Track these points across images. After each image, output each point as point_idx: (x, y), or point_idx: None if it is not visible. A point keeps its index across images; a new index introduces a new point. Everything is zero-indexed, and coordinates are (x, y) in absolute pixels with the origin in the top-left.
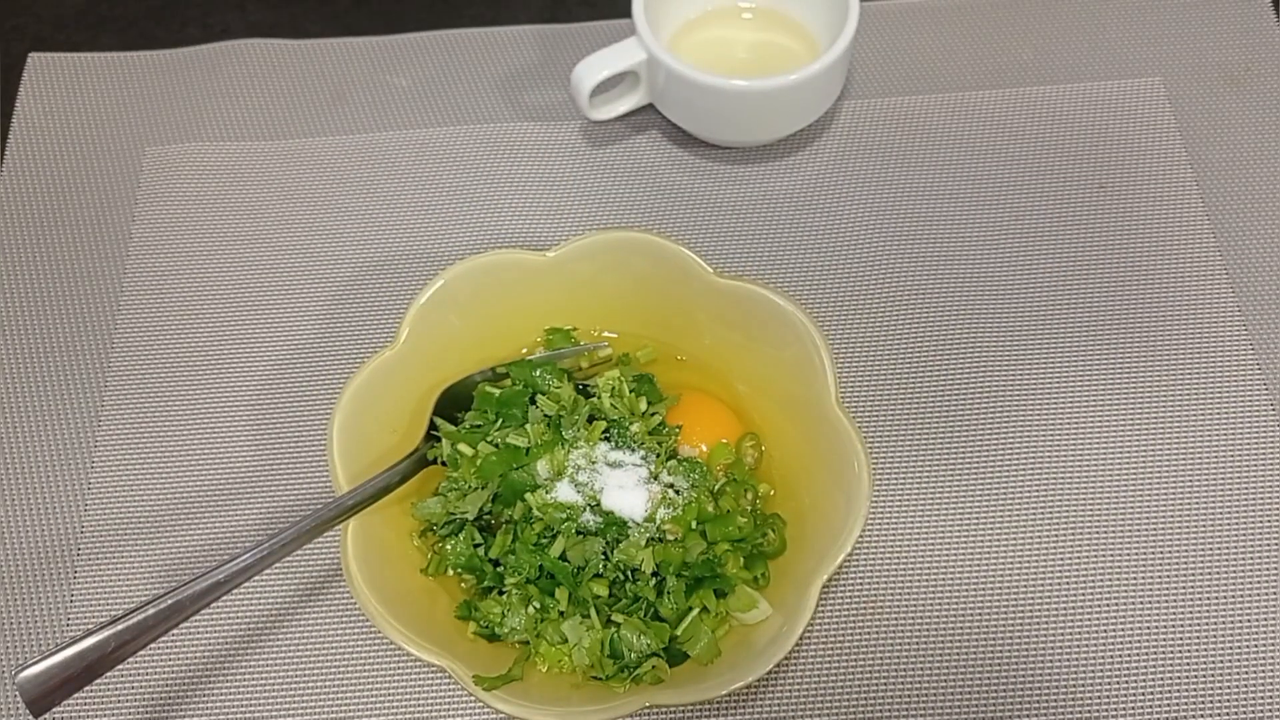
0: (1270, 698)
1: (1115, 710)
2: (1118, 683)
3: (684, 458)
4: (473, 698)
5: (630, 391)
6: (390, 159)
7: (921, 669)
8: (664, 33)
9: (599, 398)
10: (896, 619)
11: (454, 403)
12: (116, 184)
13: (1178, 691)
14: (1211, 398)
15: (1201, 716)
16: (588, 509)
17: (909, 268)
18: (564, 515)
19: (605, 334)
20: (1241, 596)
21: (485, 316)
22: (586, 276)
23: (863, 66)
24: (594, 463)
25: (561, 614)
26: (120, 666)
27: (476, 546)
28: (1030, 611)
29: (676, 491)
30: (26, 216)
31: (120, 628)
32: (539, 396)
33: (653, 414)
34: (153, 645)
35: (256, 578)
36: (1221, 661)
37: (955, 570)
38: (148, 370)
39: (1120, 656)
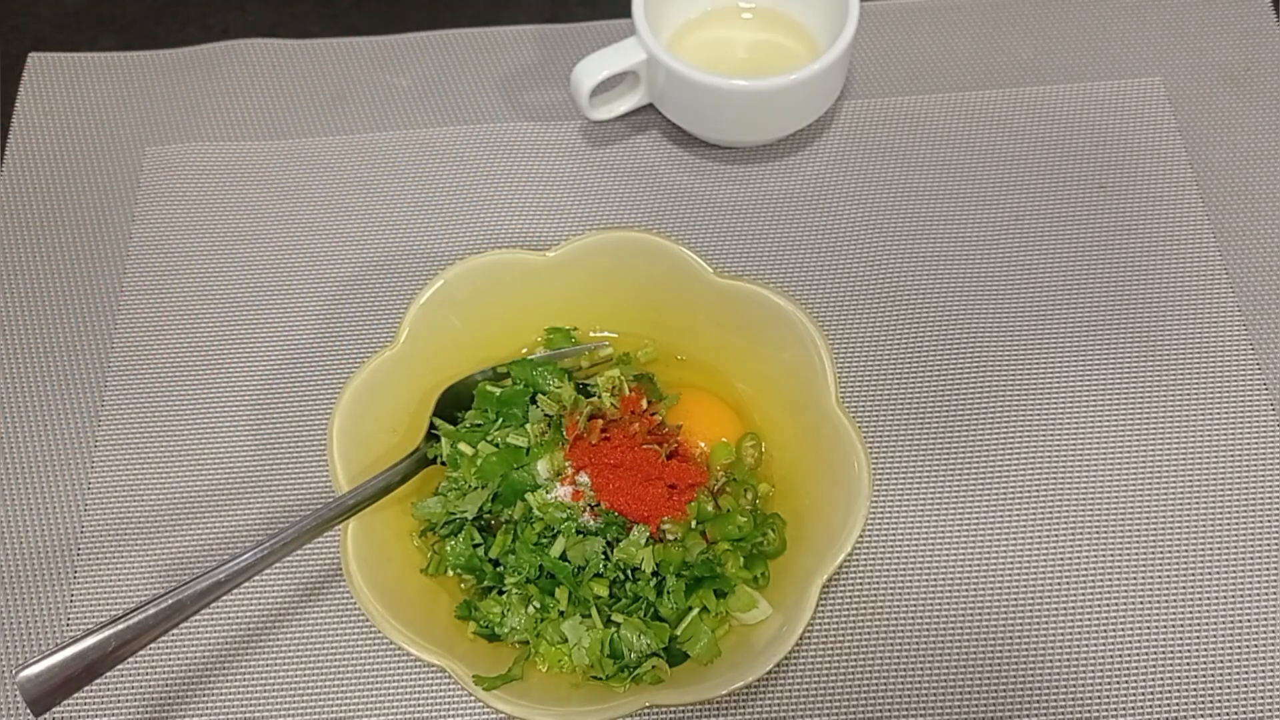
0: (1270, 698)
1: (1115, 710)
2: (1118, 683)
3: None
4: (473, 698)
5: (630, 391)
6: (390, 159)
7: (921, 669)
8: (664, 33)
9: (599, 397)
10: (896, 619)
11: (454, 403)
12: (116, 184)
13: (1178, 691)
14: (1211, 398)
15: (1201, 716)
16: (588, 509)
17: (909, 268)
18: (564, 515)
19: (605, 334)
20: (1241, 596)
21: (485, 316)
22: (586, 276)
23: (863, 66)
24: None
25: (561, 614)
26: (120, 666)
27: (476, 546)
28: (1030, 611)
29: None
30: (26, 216)
31: (120, 628)
32: (539, 396)
33: (653, 414)
34: (153, 645)
35: (256, 578)
36: (1221, 661)
37: (955, 570)
38: (148, 370)
39: (1120, 656)
